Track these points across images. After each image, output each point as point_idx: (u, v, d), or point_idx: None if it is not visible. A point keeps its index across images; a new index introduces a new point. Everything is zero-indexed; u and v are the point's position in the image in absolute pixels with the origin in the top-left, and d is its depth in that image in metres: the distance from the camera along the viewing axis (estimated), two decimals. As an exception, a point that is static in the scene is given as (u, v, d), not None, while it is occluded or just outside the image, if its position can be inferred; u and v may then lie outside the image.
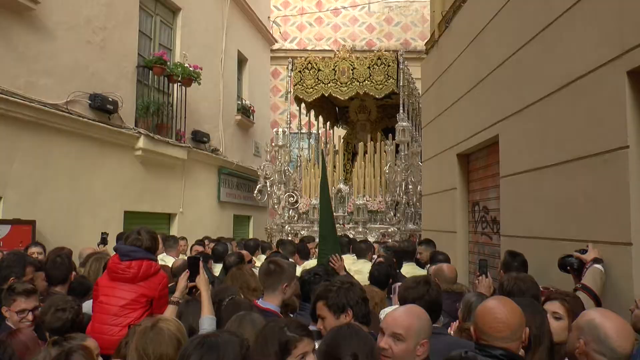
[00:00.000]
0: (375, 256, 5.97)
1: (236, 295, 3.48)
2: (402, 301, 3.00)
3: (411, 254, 5.95)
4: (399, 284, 3.57)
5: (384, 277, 4.44)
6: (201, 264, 3.40)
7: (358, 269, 5.39)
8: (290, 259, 5.44)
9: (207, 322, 3.05)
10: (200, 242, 7.67)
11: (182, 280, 3.39)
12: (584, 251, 3.51)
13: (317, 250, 5.55)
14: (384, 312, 3.08)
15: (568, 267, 3.58)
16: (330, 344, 2.17)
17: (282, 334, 2.22)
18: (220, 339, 2.07)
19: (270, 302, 3.33)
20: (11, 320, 3.29)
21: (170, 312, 3.29)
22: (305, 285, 3.70)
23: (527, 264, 4.12)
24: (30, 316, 3.28)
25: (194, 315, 3.17)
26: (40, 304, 3.50)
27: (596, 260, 3.37)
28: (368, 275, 4.59)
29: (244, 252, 5.72)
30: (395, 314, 2.43)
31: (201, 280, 3.31)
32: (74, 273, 4.44)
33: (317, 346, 2.31)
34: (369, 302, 2.97)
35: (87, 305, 3.75)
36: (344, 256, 4.98)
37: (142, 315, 3.59)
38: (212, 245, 7.12)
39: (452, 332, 3.26)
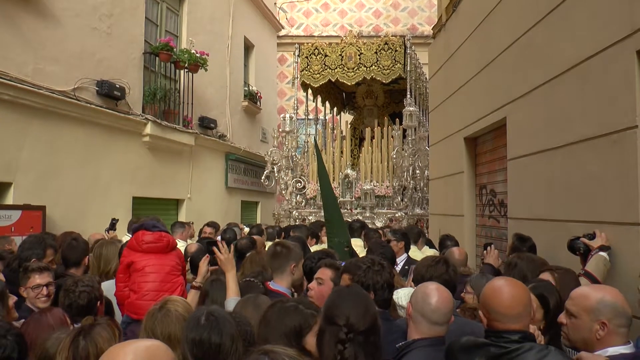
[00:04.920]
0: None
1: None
2: (420, 279, 3.00)
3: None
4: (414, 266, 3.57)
5: (391, 260, 4.45)
6: (221, 244, 3.40)
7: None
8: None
9: (232, 304, 2.96)
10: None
11: (203, 265, 3.42)
12: (592, 236, 3.50)
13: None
14: (397, 294, 3.09)
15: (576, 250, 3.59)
16: (328, 305, 2.18)
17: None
18: (218, 314, 2.14)
19: (280, 284, 3.36)
20: (28, 297, 3.35)
21: (192, 296, 3.34)
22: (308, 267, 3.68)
23: (536, 248, 4.13)
24: (44, 291, 3.34)
25: (221, 295, 3.17)
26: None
27: (602, 248, 3.37)
28: None
29: (256, 237, 5.72)
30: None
31: (227, 262, 3.28)
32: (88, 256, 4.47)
33: None
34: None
35: (105, 286, 3.76)
36: (352, 240, 4.94)
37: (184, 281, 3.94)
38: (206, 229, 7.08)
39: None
